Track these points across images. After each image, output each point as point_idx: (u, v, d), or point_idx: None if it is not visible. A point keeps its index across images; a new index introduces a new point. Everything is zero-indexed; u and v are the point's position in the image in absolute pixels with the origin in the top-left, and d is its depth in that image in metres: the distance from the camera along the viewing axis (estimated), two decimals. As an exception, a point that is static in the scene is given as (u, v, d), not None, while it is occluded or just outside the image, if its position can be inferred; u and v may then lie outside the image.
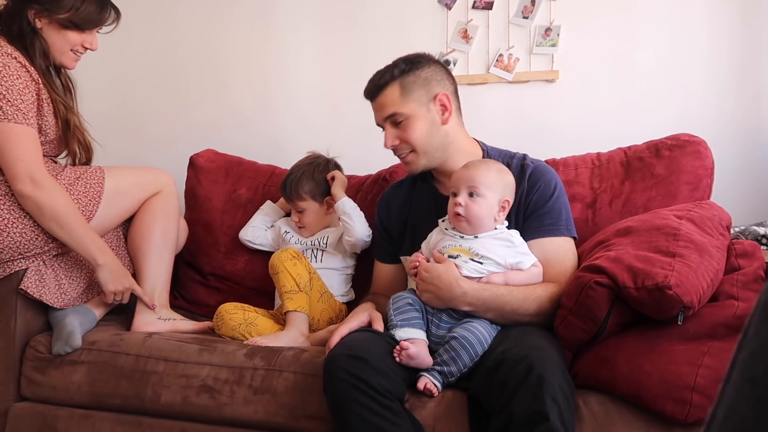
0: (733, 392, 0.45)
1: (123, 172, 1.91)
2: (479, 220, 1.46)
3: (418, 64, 1.59)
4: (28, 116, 1.67)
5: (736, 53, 2.17)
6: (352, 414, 1.25)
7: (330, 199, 1.99)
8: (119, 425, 1.63)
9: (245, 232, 2.13)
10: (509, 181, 1.51)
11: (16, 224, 1.68)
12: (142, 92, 2.74)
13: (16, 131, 1.65)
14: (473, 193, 1.46)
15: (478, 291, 1.41)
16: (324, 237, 1.99)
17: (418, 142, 1.58)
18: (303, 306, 1.74)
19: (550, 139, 2.27)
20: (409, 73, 1.58)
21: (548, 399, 1.15)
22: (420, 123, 1.57)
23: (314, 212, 2.00)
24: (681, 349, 1.27)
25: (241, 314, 1.81)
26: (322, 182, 1.99)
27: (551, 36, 2.30)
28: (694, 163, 1.79)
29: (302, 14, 2.56)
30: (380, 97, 1.60)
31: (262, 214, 2.15)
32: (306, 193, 1.97)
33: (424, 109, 1.57)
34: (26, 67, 1.69)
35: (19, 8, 1.74)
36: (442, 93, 1.58)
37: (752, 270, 1.45)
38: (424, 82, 1.58)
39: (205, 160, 2.29)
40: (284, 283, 1.75)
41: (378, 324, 1.47)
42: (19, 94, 1.65)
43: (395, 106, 1.57)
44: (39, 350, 1.72)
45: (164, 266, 1.92)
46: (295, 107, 2.59)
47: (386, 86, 1.59)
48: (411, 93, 1.57)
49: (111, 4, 1.86)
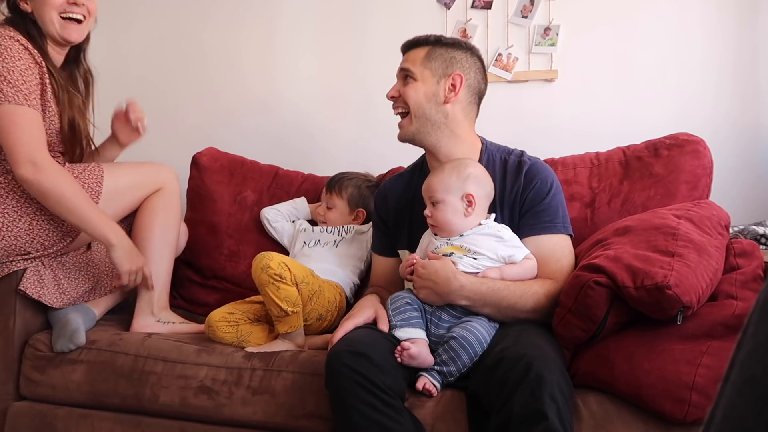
0: (732, 391, 0.45)
1: (123, 170, 1.87)
2: (447, 223, 1.50)
3: (459, 46, 1.64)
4: (29, 98, 1.62)
5: (735, 52, 2.17)
6: (355, 411, 1.24)
7: (360, 212, 2.08)
8: (118, 425, 1.63)
9: (269, 211, 2.16)
10: (468, 174, 1.51)
11: (11, 228, 1.66)
12: (141, 90, 2.72)
13: (18, 113, 1.60)
14: (434, 202, 1.52)
15: (475, 285, 1.42)
16: (350, 227, 2.04)
17: (412, 103, 1.60)
18: (295, 325, 1.66)
19: (548, 138, 2.27)
20: (444, 46, 1.62)
21: (547, 398, 1.15)
22: (423, 87, 1.60)
23: (341, 214, 2.08)
24: (680, 349, 1.27)
25: (234, 332, 1.71)
26: (363, 196, 2.09)
27: (550, 35, 2.30)
28: (693, 162, 1.79)
29: (303, 14, 2.56)
30: (409, 52, 1.66)
31: (293, 206, 2.18)
32: (346, 194, 2.07)
33: (435, 80, 1.60)
34: (30, 50, 1.65)
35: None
36: (457, 74, 1.60)
37: (751, 269, 1.45)
38: (450, 59, 1.61)
39: (209, 159, 2.28)
40: (270, 308, 1.63)
41: (384, 324, 1.46)
42: (21, 75, 1.61)
43: (413, 64, 1.62)
44: (38, 349, 1.72)
45: (164, 267, 1.89)
46: (294, 107, 2.58)
47: (419, 45, 1.65)
48: (432, 61, 1.61)
49: None
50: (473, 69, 1.63)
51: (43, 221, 1.69)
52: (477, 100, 1.66)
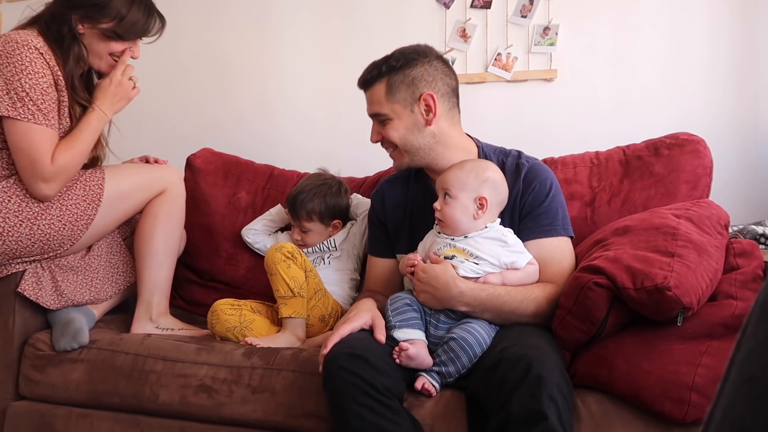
0: (731, 391, 0.45)
1: (125, 173, 1.86)
2: (454, 221, 1.47)
3: (412, 61, 1.57)
4: (48, 116, 1.63)
5: (734, 52, 2.16)
6: (352, 413, 1.24)
7: (337, 223, 1.98)
8: (117, 424, 1.63)
9: (246, 232, 2.12)
10: (487, 178, 1.48)
11: (12, 232, 1.65)
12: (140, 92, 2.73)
13: (35, 132, 1.62)
14: (447, 196, 1.48)
15: (475, 291, 1.41)
16: (332, 240, 1.97)
17: (399, 142, 1.58)
18: (298, 311, 1.70)
19: (548, 137, 2.26)
20: (399, 71, 1.56)
21: (546, 398, 1.15)
22: (401, 124, 1.57)
23: (319, 233, 1.97)
24: (679, 349, 1.27)
25: (237, 316, 1.75)
26: (332, 206, 1.96)
27: (549, 35, 2.30)
28: (693, 162, 1.79)
29: (300, 13, 2.56)
30: (369, 91, 1.61)
31: (268, 218, 2.11)
32: (315, 215, 1.94)
33: (408, 111, 1.56)
34: (51, 67, 1.65)
35: (61, 11, 1.70)
36: (427, 93, 1.55)
37: (751, 269, 1.45)
38: (411, 82, 1.55)
39: (203, 161, 2.27)
40: (278, 287, 1.70)
41: (381, 333, 1.41)
42: (42, 93, 1.62)
43: (380, 106, 1.58)
44: (38, 348, 1.72)
45: (164, 273, 1.88)
46: (292, 107, 2.58)
47: (374, 82, 1.59)
48: (396, 93, 1.56)
49: (157, 13, 1.81)
50: (438, 76, 1.58)
51: (45, 226, 1.68)
52: (455, 100, 1.62)
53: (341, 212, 2.00)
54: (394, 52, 1.61)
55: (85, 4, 1.70)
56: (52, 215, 1.69)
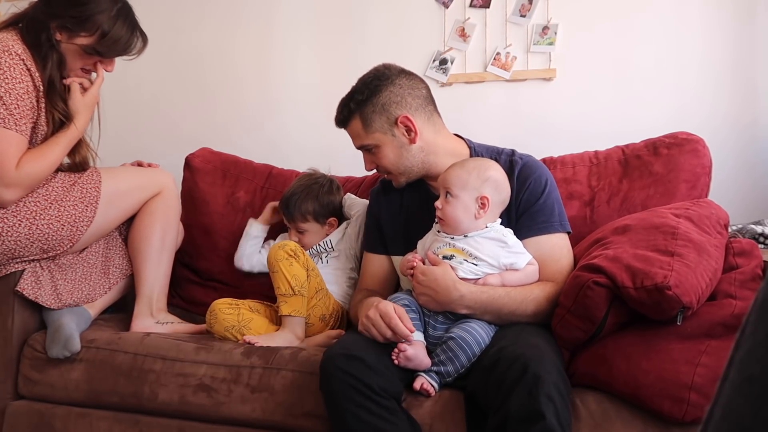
0: (730, 390, 0.45)
1: (121, 174, 1.87)
2: (455, 220, 1.47)
3: (376, 89, 1.57)
4: (20, 123, 1.61)
5: (733, 51, 2.17)
6: (349, 413, 1.25)
7: (333, 220, 1.98)
8: (117, 424, 1.63)
9: (239, 262, 2.09)
10: (489, 177, 1.48)
11: (11, 232, 1.65)
12: (139, 92, 2.73)
13: (1, 135, 1.59)
14: (449, 194, 1.48)
15: (475, 294, 1.41)
16: (328, 241, 1.96)
17: (391, 167, 1.61)
18: (298, 309, 1.70)
19: (547, 137, 2.26)
20: (367, 102, 1.57)
21: (544, 398, 1.15)
22: (388, 149, 1.59)
23: (315, 233, 1.97)
24: (679, 348, 1.27)
25: (235, 315, 1.75)
26: (326, 205, 1.97)
27: (548, 34, 2.30)
28: (692, 161, 1.79)
29: (301, 13, 2.55)
30: (347, 129, 1.65)
31: (250, 238, 2.08)
32: (310, 215, 1.95)
33: (389, 136, 1.58)
34: (32, 73, 1.64)
35: (41, 18, 1.67)
36: (402, 116, 1.56)
37: (750, 269, 1.45)
38: (383, 108, 1.57)
39: (201, 160, 2.27)
40: (279, 284, 1.70)
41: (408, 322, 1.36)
42: (17, 98, 1.60)
43: (362, 139, 1.61)
44: (37, 348, 1.72)
45: (162, 270, 1.90)
46: (291, 106, 2.58)
47: (349, 120, 1.62)
48: (372, 124, 1.58)
49: (140, 31, 1.77)
50: (405, 93, 1.57)
51: (43, 226, 1.68)
52: (431, 107, 1.62)
53: (335, 210, 2.01)
54: (357, 85, 1.63)
55: (66, 14, 1.66)
56: (51, 215, 1.69)
